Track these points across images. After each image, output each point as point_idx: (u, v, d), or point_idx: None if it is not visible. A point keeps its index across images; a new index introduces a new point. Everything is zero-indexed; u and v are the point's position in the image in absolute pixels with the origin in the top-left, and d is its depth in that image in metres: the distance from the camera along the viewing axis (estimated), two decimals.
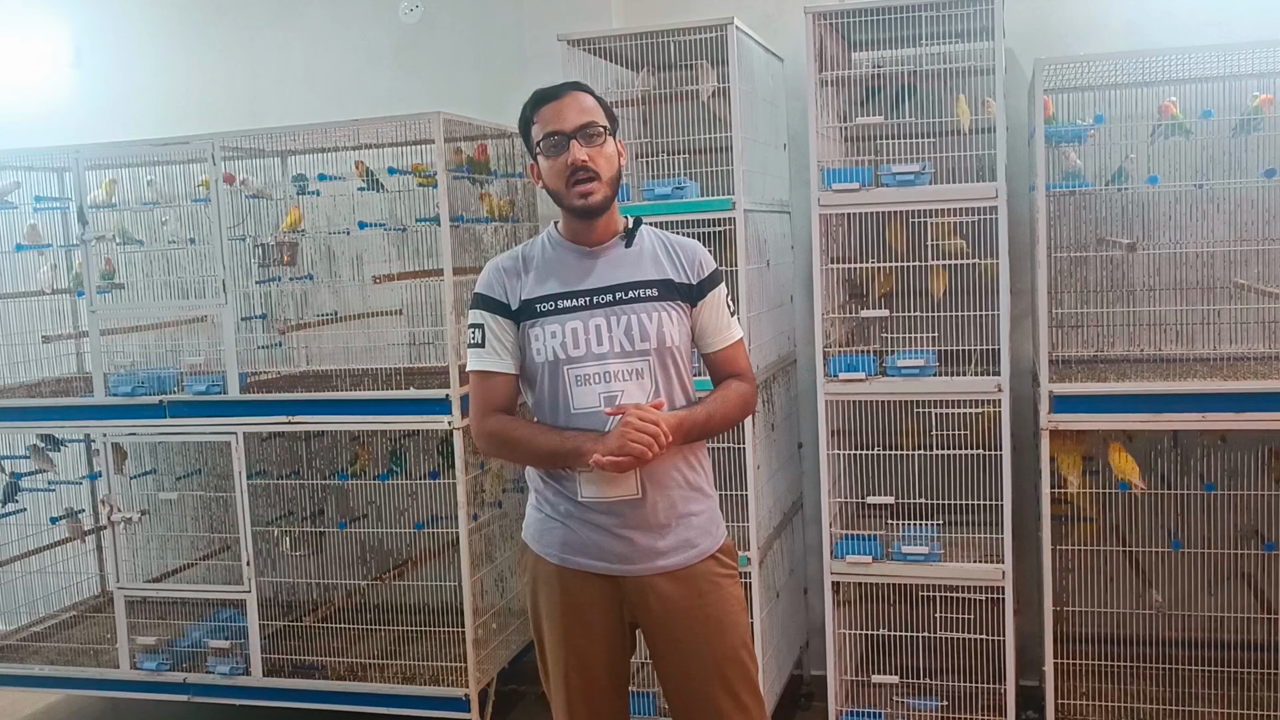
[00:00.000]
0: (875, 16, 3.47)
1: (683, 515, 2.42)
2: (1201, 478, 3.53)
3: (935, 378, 3.45)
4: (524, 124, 2.46)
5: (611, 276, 2.40)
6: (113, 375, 4.11)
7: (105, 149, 4.15)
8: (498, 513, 4.16)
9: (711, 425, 2.43)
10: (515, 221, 4.31)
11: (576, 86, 2.44)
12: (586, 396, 2.35)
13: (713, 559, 2.46)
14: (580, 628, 2.44)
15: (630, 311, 2.37)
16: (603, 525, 2.38)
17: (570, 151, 2.33)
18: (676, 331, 2.40)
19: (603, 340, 2.36)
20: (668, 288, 2.41)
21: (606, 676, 2.48)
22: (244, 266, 4.08)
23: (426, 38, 4.55)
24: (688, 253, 2.47)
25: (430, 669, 3.95)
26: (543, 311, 2.38)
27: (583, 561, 2.41)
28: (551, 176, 2.39)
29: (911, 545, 3.51)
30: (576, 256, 2.43)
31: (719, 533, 2.51)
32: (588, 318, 2.36)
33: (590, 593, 2.42)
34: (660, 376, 2.38)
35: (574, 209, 2.39)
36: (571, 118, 2.35)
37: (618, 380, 2.35)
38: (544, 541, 2.46)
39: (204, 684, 4.09)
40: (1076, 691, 3.55)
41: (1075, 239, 3.71)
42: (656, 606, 2.41)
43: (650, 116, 3.86)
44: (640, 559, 2.39)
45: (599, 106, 2.41)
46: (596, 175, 2.35)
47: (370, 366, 4.15)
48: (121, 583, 4.15)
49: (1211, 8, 3.73)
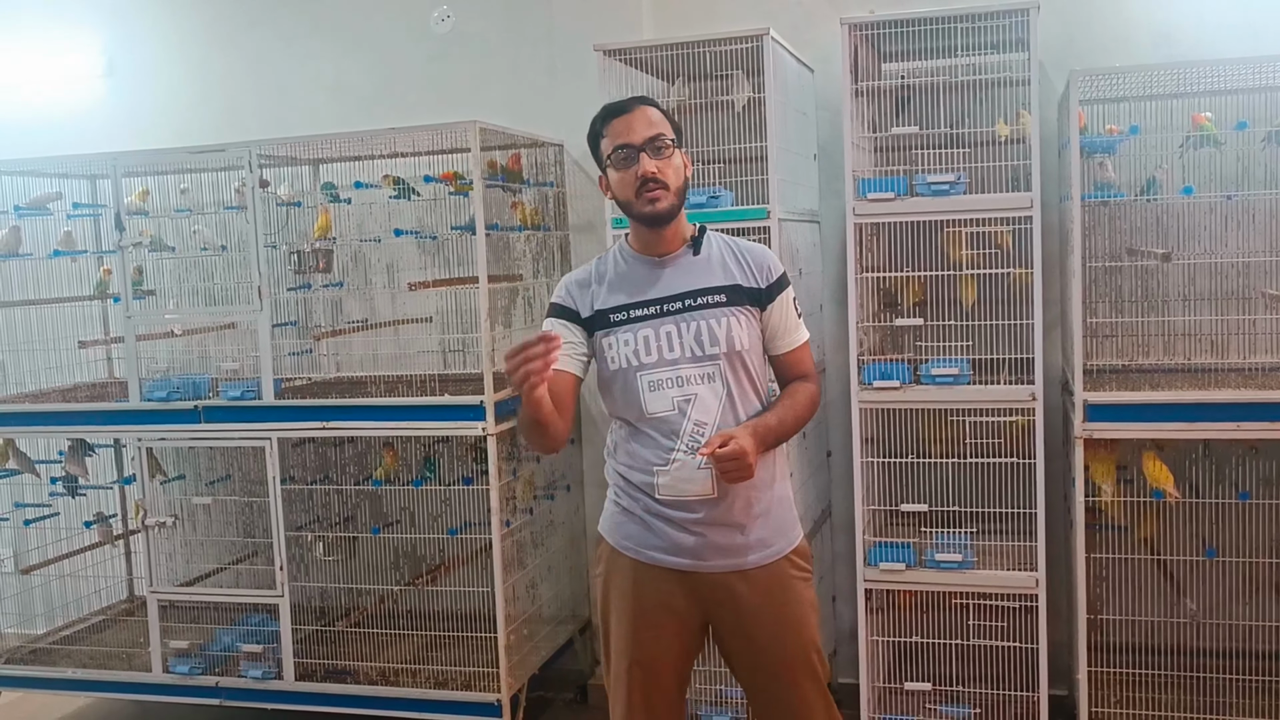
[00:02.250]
0: (909, 28, 3.51)
1: (758, 515, 2.48)
2: (1235, 487, 3.53)
3: (969, 386, 3.47)
4: (593, 138, 2.54)
5: (681, 284, 2.48)
6: (147, 381, 4.14)
7: (143, 156, 4.21)
8: (529, 519, 4.18)
9: (784, 429, 2.50)
10: (546, 230, 4.34)
11: (644, 101, 2.53)
12: (661, 401, 2.43)
13: (787, 560, 2.53)
14: (649, 622, 2.50)
15: (700, 317, 2.45)
16: (679, 522, 2.45)
17: (640, 164, 2.41)
18: (746, 335, 2.47)
19: (674, 346, 2.44)
20: (736, 293, 2.48)
21: (670, 673, 2.53)
22: (277, 273, 4.12)
23: (457, 47, 4.58)
24: (756, 257, 2.54)
25: (462, 674, 3.97)
26: (615, 321, 2.47)
27: (658, 556, 2.48)
28: (621, 188, 2.46)
29: (945, 553, 3.52)
30: (646, 266, 2.51)
31: (794, 534, 2.57)
32: (659, 325, 2.44)
33: (663, 588, 2.48)
34: (731, 380, 2.45)
35: (642, 217, 2.46)
36: (640, 131, 2.43)
37: (690, 384, 2.43)
38: (620, 535, 2.54)
39: (236, 688, 4.11)
40: (1109, 700, 3.56)
41: (1108, 249, 3.72)
42: (729, 604, 2.47)
43: (683, 126, 3.88)
44: (715, 556, 2.45)
45: (665, 120, 2.49)
46: (665, 185, 2.43)
47: (402, 373, 4.18)
48: (154, 586, 4.18)
49: (1242, 19, 3.75)
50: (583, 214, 4.40)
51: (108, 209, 4.30)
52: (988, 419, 3.49)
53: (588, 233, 4.38)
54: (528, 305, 4.24)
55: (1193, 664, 3.62)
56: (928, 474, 3.65)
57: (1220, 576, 3.65)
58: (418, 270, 4.28)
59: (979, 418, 3.49)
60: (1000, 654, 3.56)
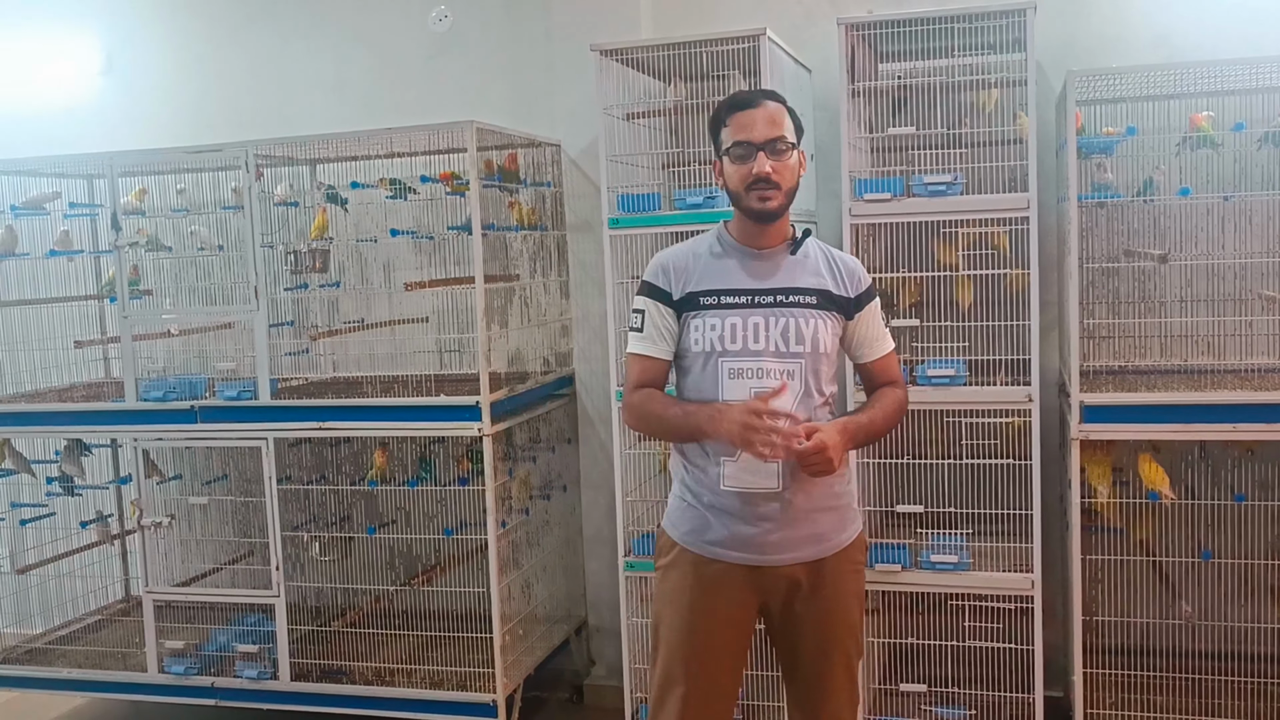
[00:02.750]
0: (906, 28, 3.50)
1: (820, 510, 2.52)
2: (1231, 489, 3.53)
3: (965, 387, 3.47)
4: (715, 123, 2.56)
5: (775, 280, 2.52)
6: (143, 381, 4.14)
7: (140, 155, 4.20)
8: (525, 519, 4.18)
9: (874, 429, 2.57)
10: (543, 230, 4.33)
11: (770, 96, 2.55)
12: (737, 389, 2.45)
13: (844, 553, 2.57)
14: (706, 618, 2.53)
15: (789, 315, 2.49)
16: (741, 515, 2.49)
17: (756, 162, 2.44)
18: (830, 340, 2.52)
19: (759, 338, 2.47)
20: (826, 298, 2.52)
21: (724, 670, 2.57)
22: (273, 273, 4.11)
23: (456, 47, 4.58)
24: (848, 268, 2.59)
25: (457, 675, 3.97)
26: (705, 305, 2.51)
27: (718, 550, 2.52)
28: (734, 180, 2.49)
29: (941, 554, 3.52)
30: (744, 257, 2.55)
31: (853, 529, 2.61)
32: (747, 315, 2.48)
33: (722, 580, 2.52)
34: (811, 378, 2.49)
35: (750, 211, 2.50)
36: (761, 130, 2.46)
37: (770, 378, 2.46)
38: (682, 528, 2.57)
39: (231, 688, 4.10)
40: (1104, 702, 3.55)
41: (1105, 250, 3.71)
42: (784, 595, 2.53)
43: (680, 126, 3.89)
44: (775, 550, 2.50)
45: (789, 119, 2.51)
46: (777, 186, 2.46)
47: (398, 373, 4.18)
48: (150, 586, 4.18)
49: (1240, 20, 3.74)
50: (580, 214, 4.39)
51: (105, 208, 4.30)
52: (984, 420, 3.49)
53: (585, 232, 4.38)
54: (524, 305, 4.24)
55: (1188, 666, 3.62)
56: (924, 475, 3.65)
57: (1216, 579, 3.64)
58: (414, 270, 4.27)
59: (975, 419, 3.50)
60: (996, 655, 3.56)
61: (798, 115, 2.56)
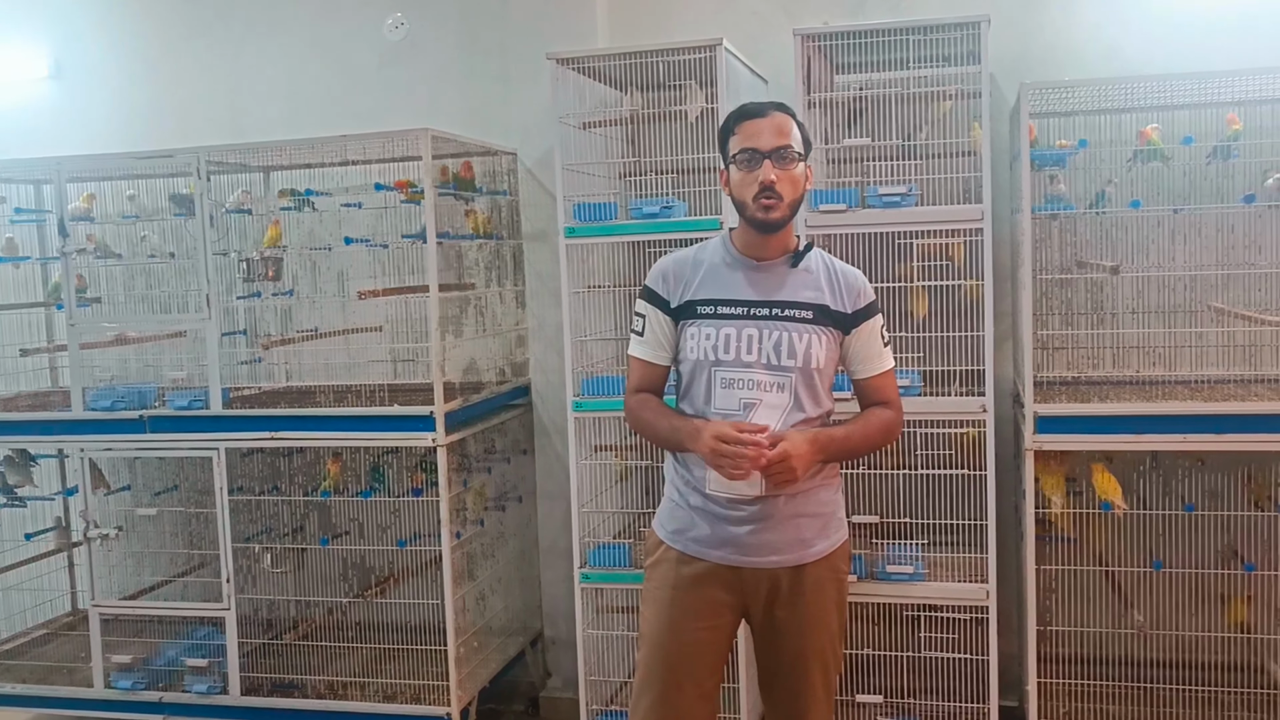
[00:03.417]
0: (861, 39, 3.51)
1: (804, 515, 2.53)
2: (1182, 499, 3.56)
3: (921, 397, 3.48)
4: (724, 132, 2.56)
5: (772, 292, 2.53)
6: (91, 390, 4.06)
7: (88, 161, 4.13)
8: (479, 530, 4.14)
9: (851, 445, 2.56)
10: (499, 239, 4.30)
11: (780, 108, 2.55)
12: (728, 399, 2.49)
13: (826, 561, 2.57)
14: (686, 611, 2.55)
15: (783, 329, 2.49)
16: (725, 517, 2.51)
17: (762, 170, 2.45)
18: (824, 355, 2.51)
19: (752, 350, 2.49)
20: (823, 313, 2.52)
21: (704, 668, 2.57)
22: (225, 281, 4.05)
23: (411, 55, 4.55)
24: (849, 282, 2.58)
25: (411, 687, 3.93)
26: (702, 314, 2.53)
27: (701, 549, 2.54)
28: (740, 189, 2.50)
29: (896, 564, 3.53)
30: (744, 268, 2.56)
31: (837, 536, 2.61)
32: (741, 326, 2.50)
33: (705, 582, 2.54)
34: (802, 393, 2.50)
35: (753, 221, 2.51)
36: (768, 138, 2.46)
37: (759, 390, 2.49)
38: (670, 528, 2.61)
39: (180, 703, 4.04)
40: (1058, 712, 3.57)
41: (1059, 262, 3.74)
42: (766, 598, 2.55)
43: (637, 136, 3.88)
44: (756, 551, 2.51)
45: (796, 130, 2.52)
46: (781, 197, 2.47)
47: (352, 383, 4.13)
48: (97, 600, 4.10)
49: (1189, 36, 3.79)
50: (536, 223, 4.37)
51: (52, 214, 4.23)
52: (939, 430, 3.50)
53: (541, 241, 4.35)
54: (479, 315, 4.20)
55: (1140, 675, 3.64)
56: (879, 485, 3.65)
57: (1166, 588, 3.67)
58: (369, 279, 4.23)
59: (931, 429, 3.51)
60: (951, 665, 3.57)
61: (806, 129, 2.57)
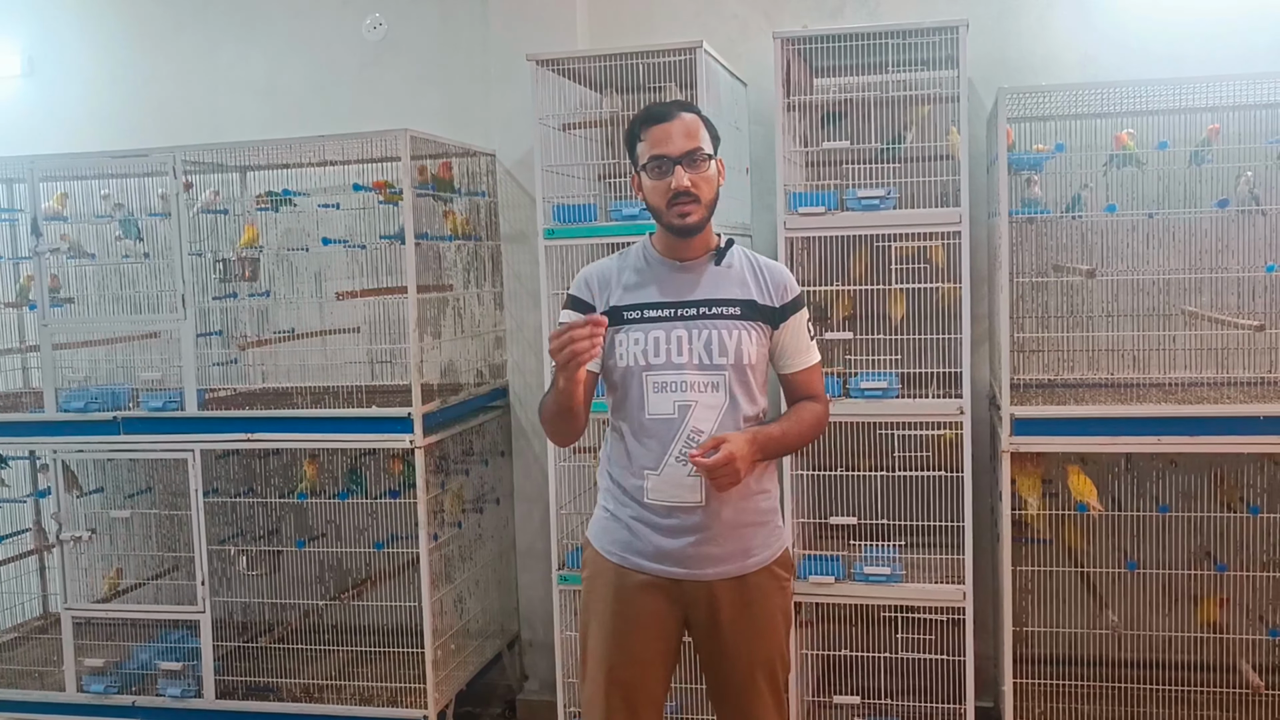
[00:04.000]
0: (841, 43, 3.52)
1: (744, 525, 2.51)
2: (1156, 500, 3.60)
3: (898, 400, 3.49)
4: (631, 138, 2.53)
5: (698, 292, 2.50)
6: (64, 391, 4.03)
7: (62, 160, 4.09)
8: (457, 533, 4.13)
9: (787, 442, 2.53)
10: (477, 240, 4.29)
11: (685, 108, 2.52)
12: (662, 403, 2.45)
13: (768, 570, 2.55)
14: (631, 627, 2.52)
15: (712, 327, 2.47)
16: (665, 528, 2.47)
17: (674, 176, 2.42)
18: (755, 351, 2.49)
19: (682, 351, 2.46)
20: (751, 308, 2.50)
21: (650, 679, 2.55)
22: (201, 282, 4.03)
23: (390, 55, 4.53)
24: (774, 276, 2.56)
25: (388, 690, 3.91)
26: (629, 319, 2.50)
27: (642, 563, 2.50)
28: (654, 195, 2.47)
29: (873, 566, 3.54)
30: (668, 270, 2.53)
31: (778, 544, 2.59)
32: (670, 329, 2.47)
33: (646, 593, 2.51)
34: (736, 390, 2.47)
35: (671, 227, 2.48)
36: (678, 143, 2.43)
37: (693, 391, 2.45)
38: (606, 540, 2.56)
39: (153, 707, 4.00)
40: (1033, 712, 3.60)
41: (1035, 265, 3.77)
42: (707, 610, 2.50)
43: (617, 137, 3.88)
44: (699, 564, 2.48)
45: (704, 130, 2.49)
46: (697, 199, 2.44)
47: (329, 384, 4.11)
48: (69, 603, 4.05)
49: (1162, 41, 3.84)
50: (514, 224, 4.37)
51: (24, 214, 4.18)
52: (916, 432, 3.52)
53: (520, 243, 4.35)
54: (457, 316, 4.19)
55: (1115, 675, 3.67)
56: (856, 487, 3.67)
57: (1140, 588, 3.71)
58: (346, 280, 4.21)
59: (907, 431, 3.52)
60: (927, 666, 3.59)
61: (713, 124, 2.54)
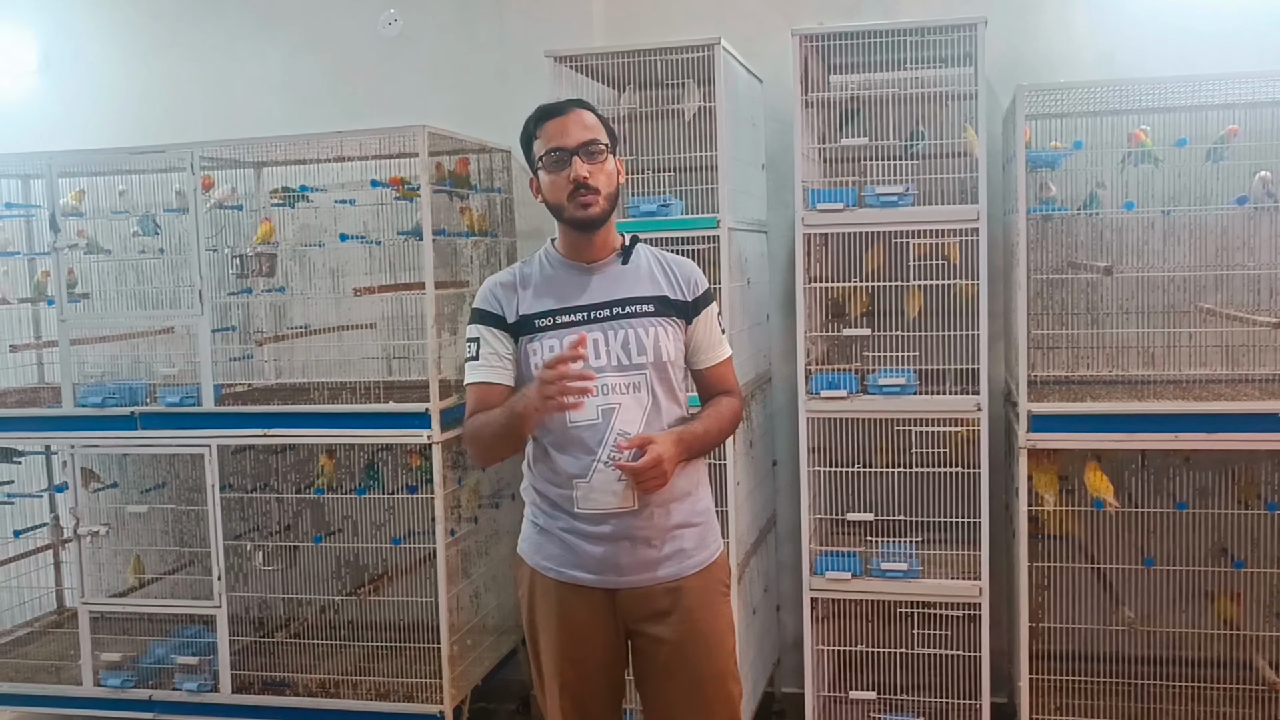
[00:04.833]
0: (858, 40, 3.53)
1: (678, 527, 2.45)
2: (1172, 497, 3.60)
3: (916, 396, 3.50)
4: (526, 138, 2.49)
5: (609, 292, 2.44)
6: (81, 386, 4.04)
7: (79, 156, 4.11)
8: (474, 528, 4.14)
9: (709, 439, 2.48)
10: (494, 236, 4.30)
11: (579, 104, 2.48)
12: (585, 409, 2.35)
13: (706, 572, 2.49)
14: (577, 641, 2.46)
15: (627, 326, 2.41)
16: (598, 537, 2.40)
17: (572, 167, 2.37)
18: (672, 347, 2.44)
19: (600, 354, 2.39)
20: (664, 304, 2.46)
21: (604, 689, 2.50)
22: (217, 277, 4.04)
23: (406, 51, 4.54)
24: (683, 271, 2.52)
25: (404, 685, 3.92)
26: (541, 326, 2.42)
27: (579, 575, 2.43)
28: (552, 191, 2.41)
29: (891, 562, 3.54)
30: (574, 273, 2.47)
31: (715, 547, 2.53)
32: (585, 332, 2.38)
33: (587, 606, 2.44)
34: (658, 389, 2.42)
35: (573, 221, 2.42)
36: (575, 134, 2.39)
37: (615, 393, 2.39)
38: (540, 555, 2.48)
39: (170, 701, 4.02)
40: (1049, 707, 3.59)
41: (1052, 262, 3.77)
42: (648, 619, 2.44)
43: (633, 134, 3.88)
44: (634, 571, 2.41)
45: (600, 124, 2.45)
46: (596, 191, 2.38)
47: (345, 380, 4.12)
48: (86, 597, 4.07)
49: (1178, 41, 3.84)
50: (531, 220, 4.37)
51: (42, 209, 4.19)
52: (933, 429, 3.52)
53: (536, 239, 4.35)
54: None
55: (1130, 671, 3.67)
56: (874, 483, 3.68)
57: (1157, 585, 3.71)
58: (363, 275, 4.22)
59: (925, 428, 3.52)
60: (944, 662, 3.59)
61: (610, 124, 2.50)
